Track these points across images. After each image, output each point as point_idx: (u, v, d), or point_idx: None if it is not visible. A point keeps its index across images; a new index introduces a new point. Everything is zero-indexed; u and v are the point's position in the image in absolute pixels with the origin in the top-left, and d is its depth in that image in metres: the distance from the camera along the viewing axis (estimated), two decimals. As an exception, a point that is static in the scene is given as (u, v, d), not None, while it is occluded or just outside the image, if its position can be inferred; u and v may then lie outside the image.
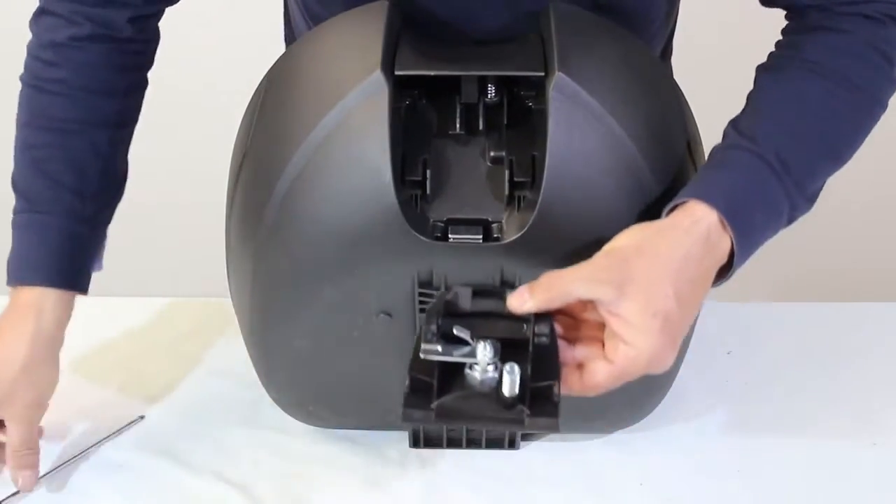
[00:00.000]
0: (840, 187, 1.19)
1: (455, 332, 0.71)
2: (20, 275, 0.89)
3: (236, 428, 0.99)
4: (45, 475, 0.92)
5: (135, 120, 0.93)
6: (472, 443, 0.96)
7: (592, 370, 0.71)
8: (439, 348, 0.70)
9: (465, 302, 0.75)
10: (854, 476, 0.94)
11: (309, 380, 0.92)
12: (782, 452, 0.97)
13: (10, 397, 0.88)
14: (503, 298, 0.73)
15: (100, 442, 0.96)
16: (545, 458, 0.96)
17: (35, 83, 0.89)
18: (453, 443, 0.96)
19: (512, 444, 0.96)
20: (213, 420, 1.00)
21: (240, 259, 0.86)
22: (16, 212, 0.89)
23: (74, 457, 0.94)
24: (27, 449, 0.89)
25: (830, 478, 0.94)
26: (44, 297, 0.88)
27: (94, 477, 0.94)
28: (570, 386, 0.72)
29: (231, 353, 0.98)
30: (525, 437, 0.97)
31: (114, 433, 0.97)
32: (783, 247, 1.81)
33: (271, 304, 0.85)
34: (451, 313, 0.74)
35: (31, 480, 0.90)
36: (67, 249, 0.89)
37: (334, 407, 0.94)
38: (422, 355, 0.70)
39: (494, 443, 0.96)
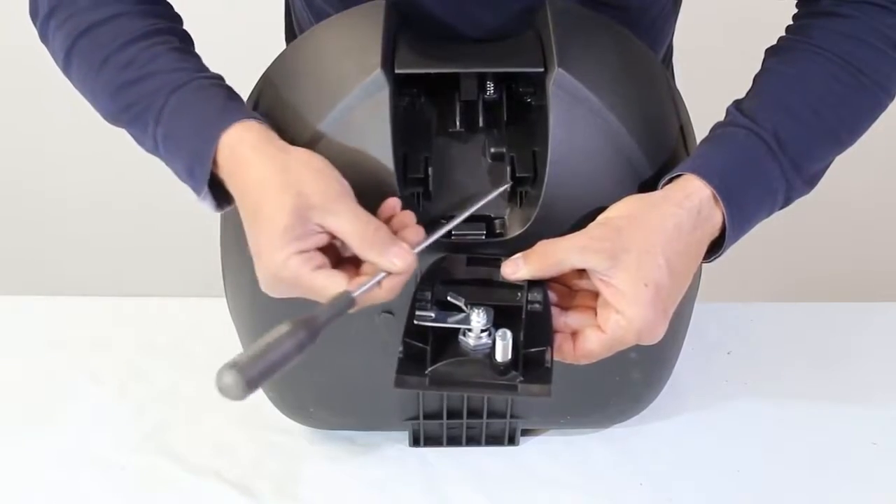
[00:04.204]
0: (841, 188, 1.20)
1: (449, 298, 0.71)
2: (210, 137, 0.74)
3: (236, 428, 0.99)
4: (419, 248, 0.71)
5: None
6: (472, 440, 0.96)
7: (585, 338, 0.72)
8: (433, 315, 0.70)
9: (460, 269, 0.75)
10: (854, 476, 0.94)
11: (309, 381, 0.91)
12: (782, 452, 0.97)
13: (299, 214, 0.69)
14: (497, 266, 0.73)
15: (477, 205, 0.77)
16: (545, 458, 0.96)
17: (88, 27, 0.81)
18: (453, 441, 0.96)
19: (512, 440, 0.96)
20: (213, 420, 1.00)
21: (238, 260, 0.86)
22: (159, 113, 0.77)
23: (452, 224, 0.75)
24: (368, 228, 0.70)
25: (830, 478, 0.94)
26: (236, 131, 0.73)
27: (94, 477, 0.93)
28: (564, 353, 0.73)
29: (231, 354, 0.98)
30: (524, 434, 0.97)
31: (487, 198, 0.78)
32: (783, 247, 1.83)
33: (272, 305, 0.85)
34: (446, 280, 0.74)
35: (403, 253, 0.69)
36: (224, 89, 0.79)
37: (335, 408, 0.94)
38: (415, 321, 0.70)
39: (494, 439, 0.96)
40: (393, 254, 0.69)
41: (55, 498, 0.92)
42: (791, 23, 0.86)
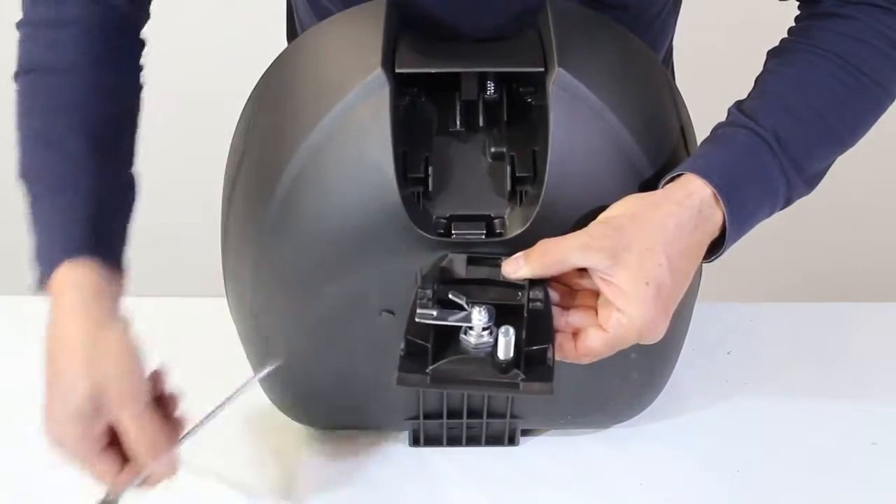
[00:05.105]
0: (841, 188, 1.20)
1: (451, 296, 0.71)
2: (51, 259, 0.78)
3: (236, 428, 0.99)
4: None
5: (138, 107, 0.88)
6: (472, 440, 0.96)
7: (587, 336, 0.72)
8: (434, 313, 0.70)
9: (461, 269, 0.75)
10: (854, 476, 0.94)
11: (309, 381, 0.91)
12: (782, 452, 0.97)
13: (94, 399, 0.75)
14: (498, 266, 0.73)
15: (233, 395, 0.85)
16: (545, 458, 0.96)
17: (34, 67, 0.84)
18: (453, 441, 0.96)
19: (512, 441, 0.96)
20: (214, 420, 1.00)
21: (239, 260, 0.86)
22: (34, 198, 0.81)
23: (199, 424, 0.84)
24: (147, 433, 0.76)
25: (830, 478, 0.94)
26: (74, 271, 0.77)
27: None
28: (565, 352, 0.73)
29: (231, 353, 0.98)
30: (524, 434, 0.97)
31: (249, 380, 0.86)
32: (783, 247, 1.84)
33: (273, 305, 0.85)
34: (447, 280, 0.74)
35: (169, 463, 0.78)
36: (94, 217, 0.80)
37: (335, 407, 0.94)
38: (417, 319, 0.70)
39: (494, 439, 0.96)
40: (160, 462, 0.77)
41: (55, 498, 0.92)
42: (793, 24, 0.86)
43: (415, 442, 0.96)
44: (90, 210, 0.80)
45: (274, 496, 0.92)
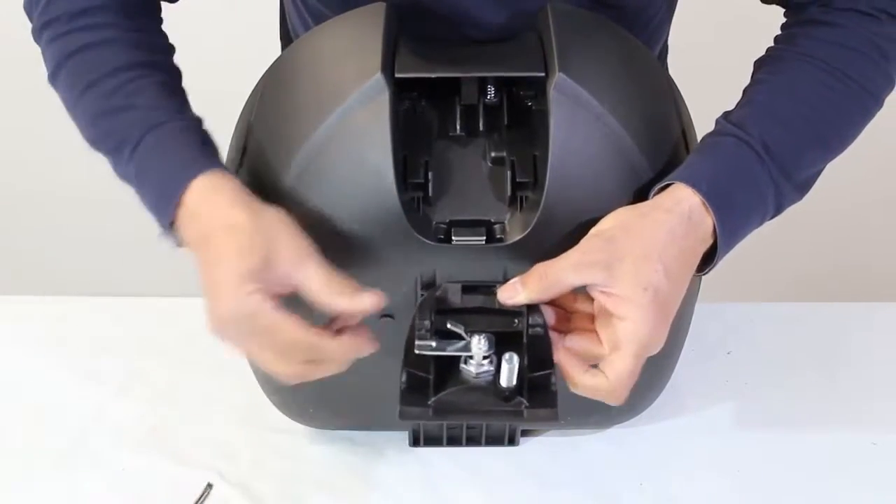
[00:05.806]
0: (840, 187, 1.20)
1: (449, 326, 0.71)
2: (182, 178, 0.75)
3: (236, 428, 0.99)
4: None
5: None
6: (472, 440, 0.96)
7: (611, 366, 0.71)
8: (433, 343, 0.70)
9: (455, 297, 0.75)
10: (854, 476, 0.94)
11: (309, 382, 0.91)
12: (782, 452, 0.97)
13: (268, 260, 0.71)
14: (494, 293, 0.73)
15: None
16: (545, 458, 0.96)
17: (73, 51, 0.82)
18: (453, 441, 0.96)
19: (511, 441, 0.96)
20: (213, 420, 1.00)
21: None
22: (133, 149, 0.78)
23: None
24: (336, 278, 0.72)
25: (830, 478, 0.94)
26: (217, 179, 0.75)
27: (94, 477, 0.94)
28: (597, 385, 0.72)
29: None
30: (524, 434, 0.97)
31: None
32: (783, 247, 1.84)
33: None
34: (443, 310, 0.74)
35: (370, 294, 0.72)
36: (203, 138, 0.80)
37: (335, 409, 0.94)
38: (416, 350, 0.70)
39: (494, 440, 0.96)
40: (361, 295, 0.72)
41: (55, 498, 0.92)
42: (779, 32, 0.86)
43: (415, 442, 0.97)
44: (194, 130, 0.80)
45: (274, 496, 0.92)
